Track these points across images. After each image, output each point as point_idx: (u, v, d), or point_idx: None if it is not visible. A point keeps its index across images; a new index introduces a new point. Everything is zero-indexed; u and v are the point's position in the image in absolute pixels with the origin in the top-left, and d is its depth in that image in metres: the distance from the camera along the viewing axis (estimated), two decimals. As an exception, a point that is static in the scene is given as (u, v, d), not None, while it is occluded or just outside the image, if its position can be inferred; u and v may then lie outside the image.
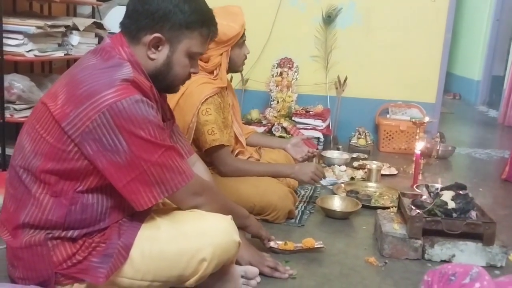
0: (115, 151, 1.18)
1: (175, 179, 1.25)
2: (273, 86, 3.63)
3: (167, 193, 1.25)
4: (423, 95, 3.79)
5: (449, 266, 0.95)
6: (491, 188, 2.84)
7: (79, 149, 1.19)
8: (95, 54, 1.29)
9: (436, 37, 3.73)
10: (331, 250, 1.85)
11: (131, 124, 1.17)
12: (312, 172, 2.08)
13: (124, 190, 1.22)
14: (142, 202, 1.23)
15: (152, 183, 1.22)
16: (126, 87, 1.19)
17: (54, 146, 1.20)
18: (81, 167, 1.21)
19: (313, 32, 3.79)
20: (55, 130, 1.20)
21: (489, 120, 5.52)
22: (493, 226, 1.76)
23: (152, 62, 1.32)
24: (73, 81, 1.23)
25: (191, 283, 1.30)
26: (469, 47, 6.98)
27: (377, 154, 3.48)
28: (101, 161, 1.19)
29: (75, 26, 2.64)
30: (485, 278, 0.88)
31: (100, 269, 1.22)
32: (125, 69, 1.24)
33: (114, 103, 1.16)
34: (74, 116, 1.18)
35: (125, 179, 1.20)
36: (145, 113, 1.19)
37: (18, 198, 1.25)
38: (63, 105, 1.20)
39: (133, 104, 1.18)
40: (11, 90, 2.33)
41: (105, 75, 1.21)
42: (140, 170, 1.20)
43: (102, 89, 1.18)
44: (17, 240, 1.25)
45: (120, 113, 1.16)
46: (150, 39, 1.29)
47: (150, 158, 1.20)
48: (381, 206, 2.30)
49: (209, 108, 1.96)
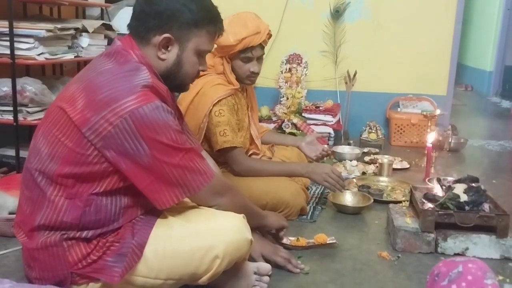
0: (137, 155, 1.20)
1: (197, 180, 1.28)
2: (282, 82, 3.63)
3: (189, 193, 1.28)
4: (434, 88, 3.76)
5: (441, 263, 0.94)
6: (505, 180, 2.81)
7: (99, 153, 1.21)
8: (109, 58, 1.30)
9: (446, 28, 3.70)
10: (344, 246, 1.85)
11: (152, 129, 1.20)
12: (326, 174, 2.04)
13: (147, 189, 1.24)
14: (164, 200, 1.25)
15: (174, 184, 1.25)
16: (146, 93, 1.21)
17: (73, 150, 1.22)
18: (100, 170, 1.23)
19: (321, 27, 3.77)
20: (74, 135, 1.22)
21: (502, 111, 5.46)
22: (506, 218, 1.75)
23: (163, 63, 1.34)
24: (91, 86, 1.25)
25: (204, 281, 1.32)
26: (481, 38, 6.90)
27: (388, 148, 3.46)
28: (124, 163, 1.21)
29: (85, 28, 2.66)
30: (467, 278, 0.86)
31: (114, 268, 1.24)
32: (143, 74, 1.25)
33: (136, 109, 1.18)
34: (95, 121, 1.19)
35: (148, 179, 1.23)
36: (165, 119, 1.22)
37: (33, 201, 1.27)
38: (83, 110, 1.21)
39: (154, 110, 1.20)
40: (24, 93, 2.36)
41: (125, 81, 1.23)
42: (162, 172, 1.23)
43: (123, 95, 1.20)
44: (33, 241, 1.27)
45: (142, 119, 1.18)
46: (160, 40, 1.30)
47: (172, 161, 1.23)
48: (393, 200, 2.29)
49: (222, 110, 1.96)
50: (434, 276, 0.91)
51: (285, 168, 2.12)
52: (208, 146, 2.00)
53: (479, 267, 0.97)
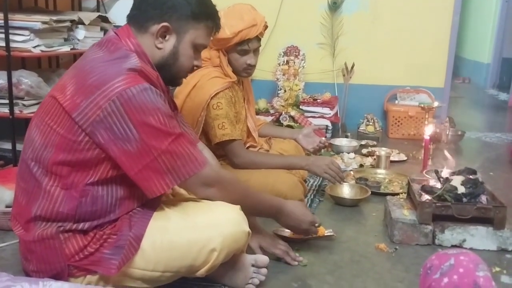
0: (126, 139, 1.19)
1: (187, 166, 1.26)
2: (279, 75, 3.61)
3: (179, 180, 1.26)
4: (431, 80, 3.76)
5: (433, 256, 0.94)
6: (502, 172, 2.81)
7: (90, 139, 1.21)
8: (100, 47, 1.31)
9: (444, 20, 3.69)
10: (341, 238, 1.85)
11: (141, 111, 1.19)
12: (326, 166, 2.05)
13: (136, 177, 1.23)
14: (154, 189, 1.24)
15: (164, 171, 1.23)
16: (133, 76, 1.22)
17: (65, 137, 1.22)
18: (92, 157, 1.23)
19: (319, 19, 3.76)
20: (65, 121, 1.22)
21: (500, 103, 5.46)
22: (503, 210, 1.75)
23: (159, 52, 1.34)
24: (81, 72, 1.26)
25: (202, 273, 1.32)
26: (478, 30, 6.89)
27: (386, 141, 3.46)
28: (112, 150, 1.20)
29: (81, 21, 2.64)
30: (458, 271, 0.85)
31: (112, 260, 1.24)
32: (132, 60, 1.26)
33: (124, 91, 1.18)
34: (84, 106, 1.19)
35: (136, 166, 1.22)
36: (154, 101, 1.21)
37: (29, 192, 1.27)
38: (73, 95, 1.22)
39: (142, 92, 1.19)
40: (20, 86, 2.34)
41: (113, 66, 1.23)
42: (151, 157, 1.21)
43: (111, 78, 1.20)
44: (29, 234, 1.27)
45: (129, 100, 1.18)
46: (158, 28, 1.32)
47: (160, 145, 1.21)
48: (390, 192, 2.29)
49: (220, 103, 1.95)
50: (427, 269, 0.91)
51: (285, 161, 2.12)
52: (205, 140, 1.99)
53: (471, 260, 0.97)
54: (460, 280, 0.83)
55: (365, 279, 1.56)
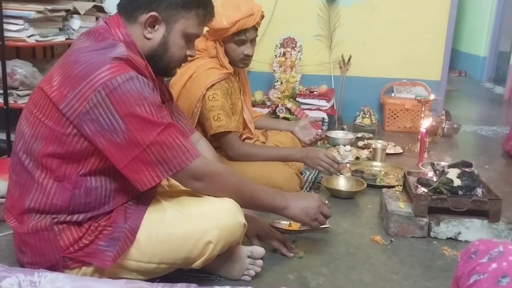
0: (113, 131, 1.17)
1: (178, 158, 1.22)
2: (276, 66, 3.60)
3: (171, 171, 1.23)
4: (428, 73, 3.76)
5: (477, 242, 0.93)
6: (497, 165, 2.82)
7: (78, 131, 1.19)
8: (88, 37, 1.29)
9: (441, 13, 3.68)
10: (337, 230, 1.86)
11: (126, 101, 1.16)
12: (318, 158, 2.03)
13: (126, 170, 1.21)
14: (145, 181, 1.21)
15: (154, 162, 1.20)
16: (119, 65, 1.19)
17: (54, 130, 1.20)
18: (82, 149, 1.21)
19: (316, 10, 3.74)
20: (53, 113, 1.20)
21: (495, 97, 5.47)
22: (499, 203, 1.76)
23: (148, 42, 1.31)
24: (67, 63, 1.23)
25: (198, 265, 1.32)
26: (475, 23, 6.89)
27: (382, 133, 3.47)
28: (100, 142, 1.18)
29: (76, 10, 2.61)
30: (508, 258, 0.85)
31: (107, 252, 1.24)
32: (119, 49, 1.23)
33: (109, 80, 1.15)
34: (71, 97, 1.17)
35: (126, 159, 1.19)
36: (140, 90, 1.18)
37: (22, 184, 1.26)
38: (59, 87, 1.20)
39: (128, 81, 1.17)
40: (14, 76, 2.32)
41: (99, 55, 1.20)
42: (139, 149, 1.18)
43: (96, 68, 1.17)
44: (23, 226, 1.26)
45: (115, 90, 1.15)
46: (147, 18, 1.28)
47: (148, 136, 1.18)
48: (386, 185, 2.30)
49: (216, 94, 1.94)
50: (471, 254, 0.90)
51: (281, 153, 2.11)
52: (201, 131, 1.99)
53: None
54: (509, 267, 0.83)
55: (360, 271, 1.56)
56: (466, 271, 0.87)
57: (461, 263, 0.91)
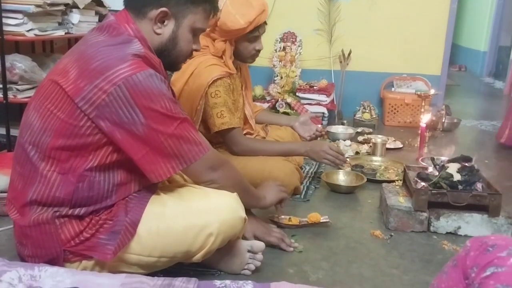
0: (132, 124, 1.19)
1: (192, 150, 1.27)
2: (276, 61, 3.59)
3: (185, 164, 1.26)
4: (428, 68, 3.75)
5: (493, 237, 0.93)
6: (497, 160, 2.83)
7: (93, 123, 1.20)
8: (101, 31, 1.29)
9: (441, 7, 3.67)
10: (337, 224, 1.86)
11: (147, 97, 1.19)
12: (323, 152, 2.03)
13: (143, 160, 1.23)
14: (161, 172, 1.24)
15: (170, 155, 1.24)
16: (138, 62, 1.21)
17: (66, 122, 1.21)
18: (93, 142, 1.22)
19: (316, 5, 3.73)
20: (67, 106, 1.21)
21: (495, 91, 5.47)
22: (498, 198, 1.76)
23: (158, 37, 1.33)
24: (83, 57, 1.24)
25: (198, 258, 1.32)
26: (475, 18, 6.87)
27: (382, 128, 3.47)
28: (119, 133, 1.20)
29: (75, 4, 2.60)
30: None
31: (107, 246, 1.24)
32: (135, 45, 1.25)
33: (130, 76, 1.18)
34: (88, 90, 1.19)
35: (144, 149, 1.22)
36: (159, 87, 1.21)
37: (25, 176, 1.26)
38: (76, 80, 1.21)
39: (148, 78, 1.19)
40: (13, 70, 2.31)
41: (117, 51, 1.22)
42: (157, 141, 1.22)
43: (116, 63, 1.19)
44: (25, 218, 1.26)
45: (136, 86, 1.18)
46: (157, 13, 1.30)
47: (167, 130, 1.22)
48: (386, 179, 2.30)
49: (218, 91, 1.92)
50: (487, 247, 0.90)
51: (285, 147, 2.10)
52: (203, 128, 1.98)
53: None
54: None
55: (360, 265, 1.57)
56: (482, 263, 0.88)
57: (475, 254, 0.91)
